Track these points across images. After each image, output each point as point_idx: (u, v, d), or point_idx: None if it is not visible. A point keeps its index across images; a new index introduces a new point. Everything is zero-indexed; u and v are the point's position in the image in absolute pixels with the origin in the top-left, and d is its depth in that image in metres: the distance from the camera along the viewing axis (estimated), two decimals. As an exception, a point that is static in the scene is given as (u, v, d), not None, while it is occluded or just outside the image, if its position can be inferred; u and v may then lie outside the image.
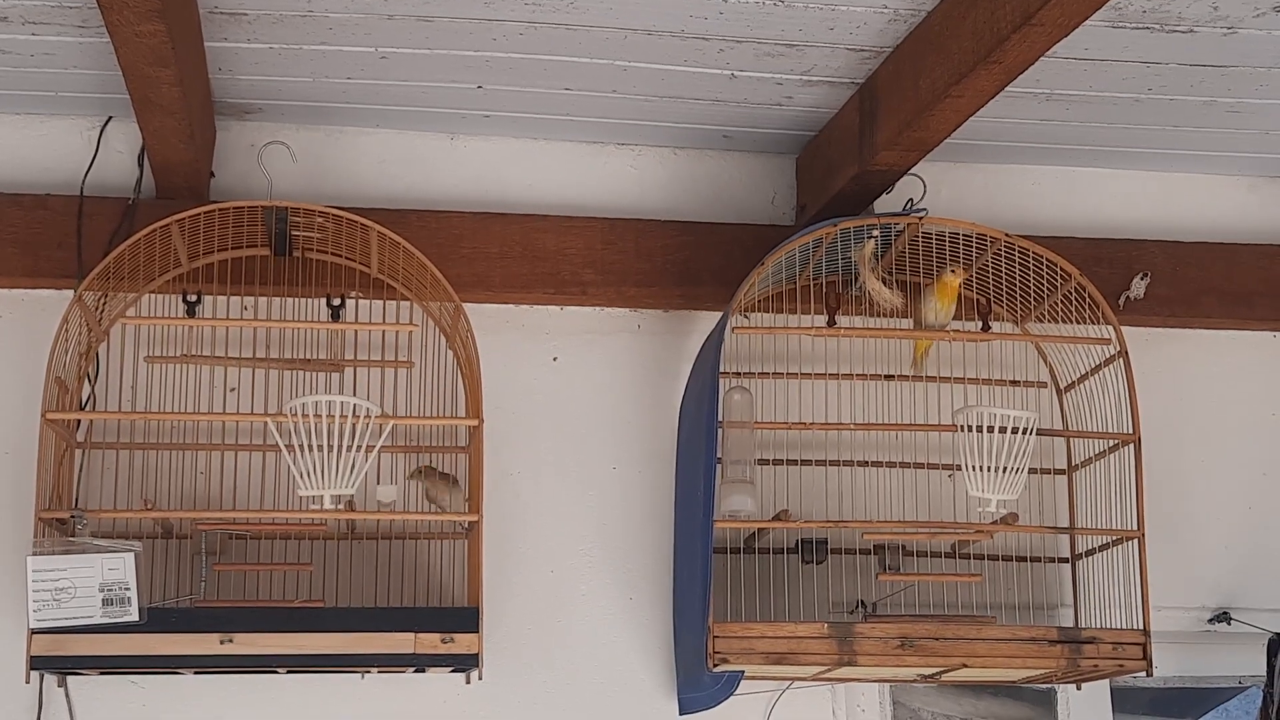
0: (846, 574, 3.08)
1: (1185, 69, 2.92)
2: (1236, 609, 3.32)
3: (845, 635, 2.82)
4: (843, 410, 3.08)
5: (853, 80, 2.97)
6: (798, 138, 3.26)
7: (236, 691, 2.97)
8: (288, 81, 2.99)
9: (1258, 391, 3.44)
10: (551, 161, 3.28)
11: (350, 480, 2.75)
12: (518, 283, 3.18)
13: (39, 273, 3.04)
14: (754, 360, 3.13)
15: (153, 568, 2.91)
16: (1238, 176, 3.51)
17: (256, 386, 3.03)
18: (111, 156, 3.12)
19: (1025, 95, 3.00)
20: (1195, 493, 3.36)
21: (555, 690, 3.08)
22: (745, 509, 3.00)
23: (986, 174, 3.42)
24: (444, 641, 2.74)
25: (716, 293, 3.19)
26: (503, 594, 3.06)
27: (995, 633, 2.86)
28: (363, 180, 3.21)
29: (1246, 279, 3.42)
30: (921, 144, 2.85)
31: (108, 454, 2.97)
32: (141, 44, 2.45)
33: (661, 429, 3.19)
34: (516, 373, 3.17)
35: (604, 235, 3.22)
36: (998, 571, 3.14)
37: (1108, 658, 2.87)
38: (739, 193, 3.34)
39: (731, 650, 2.79)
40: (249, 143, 3.14)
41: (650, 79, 2.97)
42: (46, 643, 2.66)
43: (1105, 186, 3.46)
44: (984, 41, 2.50)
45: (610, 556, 3.15)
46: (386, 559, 3.02)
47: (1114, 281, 3.32)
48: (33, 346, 2.94)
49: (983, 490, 2.89)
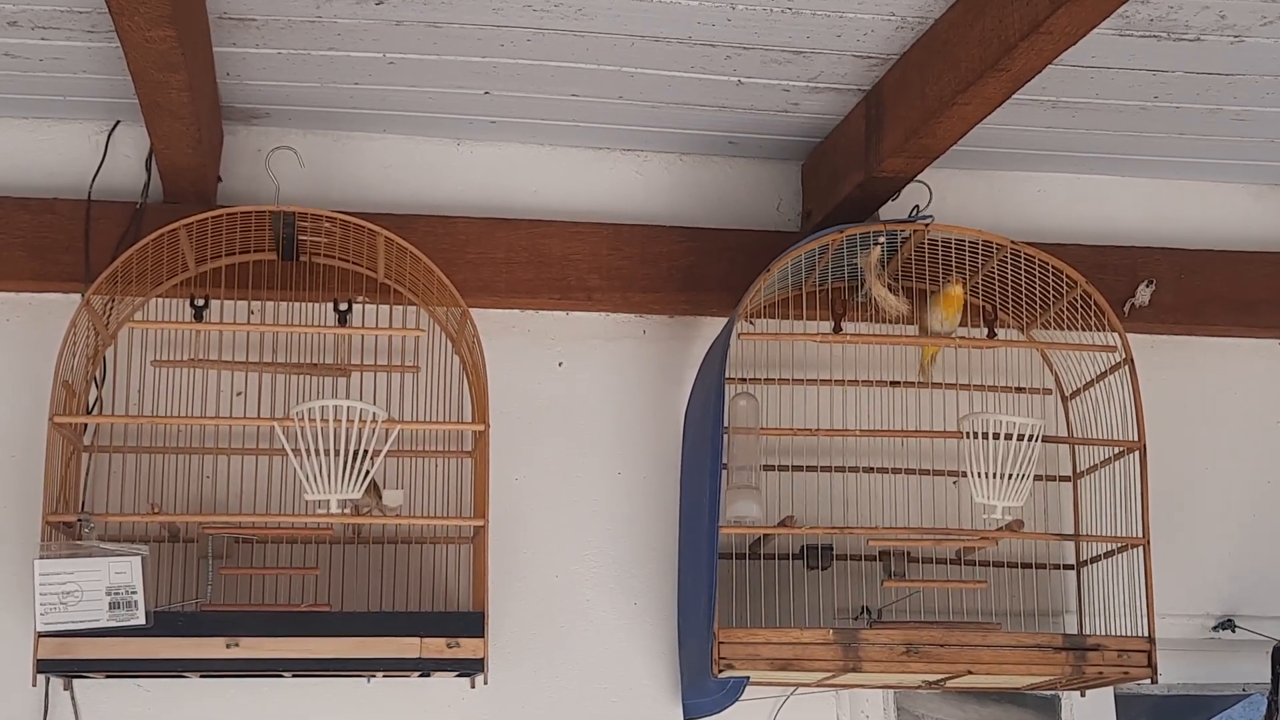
0: (852, 580, 3.09)
1: (1192, 77, 2.92)
2: (1241, 616, 3.32)
3: (850, 641, 2.82)
4: (848, 416, 3.08)
5: (859, 87, 2.97)
6: (804, 144, 3.26)
7: (242, 695, 2.98)
8: (295, 87, 3.00)
9: (1263, 399, 3.44)
10: (558, 167, 3.28)
11: (357, 485, 2.76)
12: (524, 288, 3.18)
13: (46, 276, 3.04)
14: (759, 366, 3.13)
15: (159, 571, 2.91)
16: (1244, 184, 3.51)
17: (263, 391, 3.03)
18: (119, 161, 3.13)
19: (1032, 103, 3.01)
20: (1200, 500, 3.36)
21: (560, 695, 3.08)
22: (750, 515, 3.00)
23: (992, 181, 3.42)
24: (449, 646, 2.75)
25: (722, 298, 3.19)
26: (508, 599, 3.07)
27: (1000, 639, 2.86)
28: (370, 185, 3.21)
29: (1252, 287, 3.41)
30: (928, 151, 2.85)
31: (114, 458, 2.98)
32: (151, 49, 2.46)
33: (667, 434, 3.19)
34: (522, 378, 3.17)
35: (610, 241, 3.22)
36: (1003, 578, 3.14)
37: (1112, 665, 2.87)
38: (745, 199, 3.34)
39: (736, 656, 2.79)
40: (256, 147, 3.15)
41: (657, 85, 2.97)
42: (53, 646, 2.67)
43: (1111, 194, 3.46)
44: (991, 49, 2.50)
45: (615, 562, 3.15)
46: (392, 563, 3.02)
47: (1119, 289, 3.32)
48: (40, 350, 2.94)
49: (988, 497, 2.89)
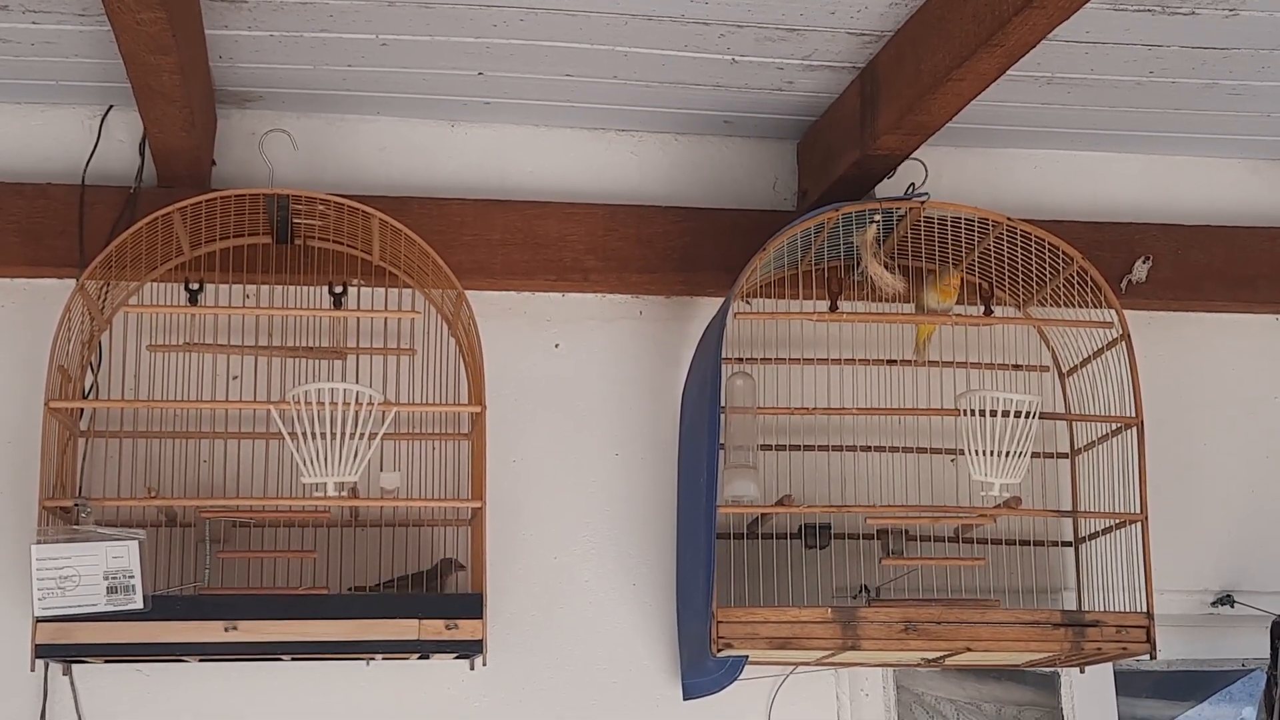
0: (850, 559, 3.09)
1: (1187, 51, 2.91)
2: (1240, 592, 3.32)
3: (849, 620, 2.82)
4: (845, 395, 3.08)
5: (854, 65, 2.97)
6: (799, 123, 3.25)
7: (241, 679, 2.98)
8: (288, 69, 2.99)
9: (1260, 374, 3.44)
10: (553, 148, 3.28)
11: (353, 467, 2.75)
12: (519, 269, 3.18)
13: (41, 262, 3.04)
14: (756, 346, 3.13)
15: (157, 555, 2.91)
16: (1240, 159, 3.50)
17: (259, 374, 3.03)
18: (113, 145, 3.12)
19: (1027, 79, 3.00)
20: (1198, 476, 3.36)
21: (559, 676, 3.09)
22: (748, 494, 3.00)
23: (988, 158, 3.42)
24: (448, 628, 2.75)
25: (718, 278, 3.18)
26: (506, 580, 3.07)
27: (999, 616, 2.86)
28: (364, 168, 3.20)
29: (1249, 262, 3.41)
30: (923, 128, 2.85)
31: (111, 442, 2.97)
32: (142, 32, 2.45)
33: (664, 415, 3.19)
34: (519, 359, 3.17)
35: (605, 222, 3.22)
36: (1001, 556, 3.13)
37: (1111, 641, 2.87)
38: (740, 178, 3.34)
39: (735, 635, 2.79)
40: (250, 131, 3.14)
41: (651, 64, 2.96)
42: (51, 631, 2.67)
43: (1107, 170, 3.46)
44: (985, 24, 2.49)
45: (613, 542, 3.15)
46: (390, 546, 3.02)
47: (1116, 265, 3.31)
48: (35, 335, 2.94)
49: (986, 474, 2.89)
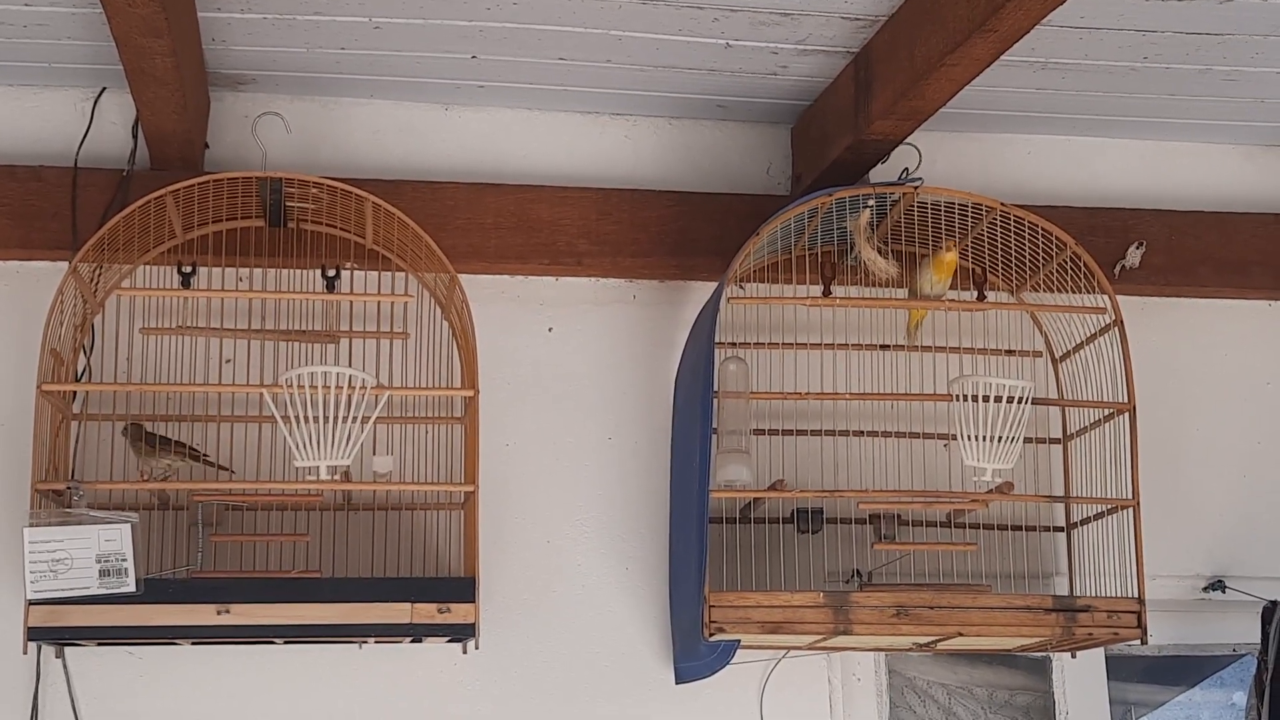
0: (842, 543, 3.09)
1: (1181, 37, 2.91)
2: (1231, 577, 3.32)
3: (841, 604, 2.82)
4: (838, 380, 3.08)
5: (848, 49, 2.96)
6: (793, 107, 3.25)
7: (233, 662, 2.98)
8: (281, 52, 2.98)
9: (1253, 360, 3.44)
10: (546, 132, 3.27)
11: (346, 451, 2.75)
12: (513, 253, 3.17)
13: (33, 244, 3.03)
14: (749, 330, 3.13)
15: (149, 539, 2.91)
16: (1234, 145, 3.50)
17: (252, 358, 3.03)
18: (106, 128, 3.12)
19: (1021, 64, 3.00)
20: (1190, 462, 3.36)
21: (552, 660, 3.09)
22: (741, 479, 3.01)
23: (982, 143, 3.41)
24: (440, 611, 2.75)
25: (712, 263, 3.18)
26: (499, 564, 3.07)
27: (990, 601, 2.87)
28: (357, 151, 3.20)
29: (1242, 248, 3.41)
30: (917, 113, 2.85)
31: (104, 425, 2.97)
32: (134, 14, 2.45)
33: (657, 399, 3.19)
34: (512, 343, 3.17)
35: (599, 206, 3.21)
36: (993, 540, 3.14)
37: (1103, 626, 2.88)
38: (734, 163, 3.34)
39: (728, 620, 2.79)
40: (243, 114, 3.14)
41: (645, 48, 2.96)
42: (44, 614, 2.67)
43: (1101, 155, 3.45)
44: (979, 9, 2.49)
45: (606, 527, 3.15)
46: (383, 529, 3.02)
47: (1109, 250, 3.31)
48: (28, 318, 2.94)
49: (978, 459, 2.89)
